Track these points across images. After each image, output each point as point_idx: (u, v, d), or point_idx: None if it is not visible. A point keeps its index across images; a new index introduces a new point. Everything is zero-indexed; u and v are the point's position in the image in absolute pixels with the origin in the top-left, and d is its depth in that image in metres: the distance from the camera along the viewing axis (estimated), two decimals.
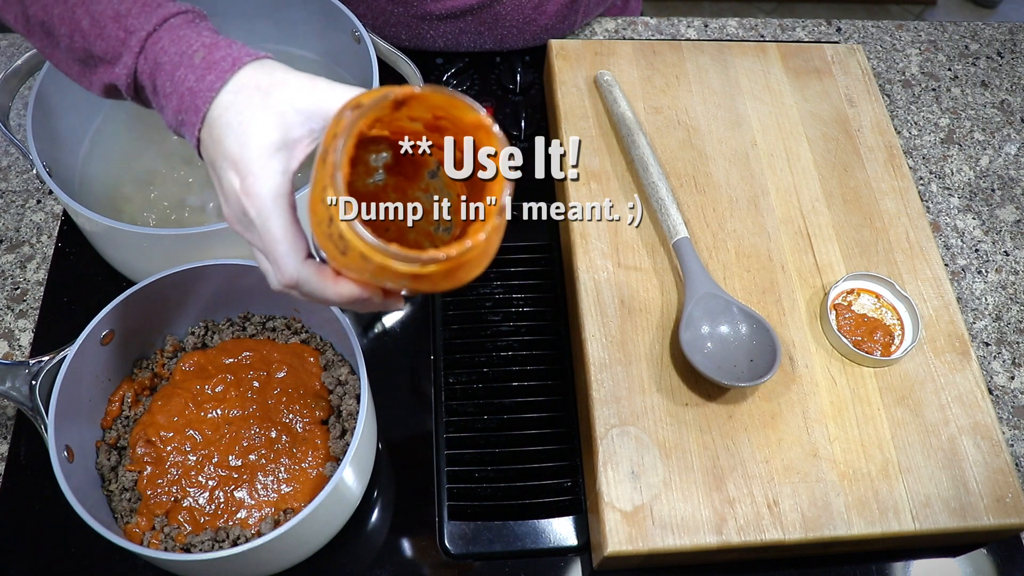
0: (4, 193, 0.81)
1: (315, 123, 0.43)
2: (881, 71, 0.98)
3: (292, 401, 0.63)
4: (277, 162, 0.42)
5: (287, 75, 0.44)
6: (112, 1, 0.46)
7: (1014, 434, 0.74)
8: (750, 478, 0.62)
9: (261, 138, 0.42)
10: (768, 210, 0.76)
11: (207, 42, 0.45)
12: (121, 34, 0.46)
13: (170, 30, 0.45)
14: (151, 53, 0.46)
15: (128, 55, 0.46)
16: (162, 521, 0.59)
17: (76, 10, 0.47)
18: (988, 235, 0.86)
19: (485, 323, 0.74)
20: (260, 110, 0.43)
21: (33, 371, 0.59)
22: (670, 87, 0.84)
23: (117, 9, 0.46)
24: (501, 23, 0.88)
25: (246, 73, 0.44)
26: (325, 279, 0.44)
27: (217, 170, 0.44)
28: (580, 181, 0.76)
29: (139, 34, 0.45)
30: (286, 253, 0.43)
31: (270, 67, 0.44)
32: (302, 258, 0.44)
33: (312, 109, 0.43)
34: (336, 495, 0.56)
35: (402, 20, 0.87)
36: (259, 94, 0.43)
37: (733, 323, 0.67)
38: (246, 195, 0.43)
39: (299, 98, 0.43)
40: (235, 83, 0.43)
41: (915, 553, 0.67)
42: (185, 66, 0.44)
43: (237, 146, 0.42)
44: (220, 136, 0.43)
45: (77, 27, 0.47)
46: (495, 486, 0.66)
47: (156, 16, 0.46)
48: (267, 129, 0.42)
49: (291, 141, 0.43)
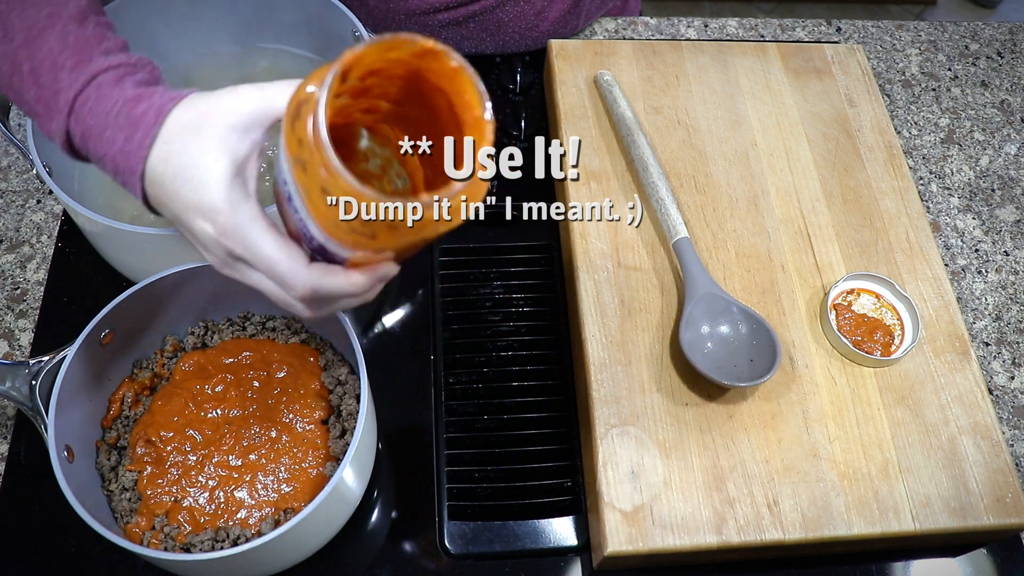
0: (4, 193, 0.81)
1: (255, 133, 0.42)
2: (881, 71, 0.98)
3: (292, 401, 0.63)
4: (238, 191, 0.42)
5: (208, 102, 0.43)
6: (52, 49, 0.44)
7: (1014, 434, 0.74)
8: (750, 478, 0.62)
9: (214, 175, 0.41)
10: (768, 210, 0.76)
11: (129, 97, 0.43)
12: (54, 90, 0.44)
13: (97, 89, 0.44)
14: (80, 115, 0.44)
15: (59, 116, 0.44)
16: (162, 521, 0.59)
17: (20, 52, 0.45)
18: (988, 235, 0.86)
19: (485, 323, 0.74)
20: (200, 148, 0.41)
21: (33, 371, 0.59)
22: (670, 87, 0.84)
23: (55, 59, 0.44)
24: (504, 29, 0.88)
25: (173, 119, 0.42)
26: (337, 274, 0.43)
27: (184, 223, 0.43)
28: (580, 181, 0.76)
29: (67, 94, 0.44)
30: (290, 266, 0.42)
31: (191, 103, 0.43)
32: (307, 264, 0.43)
33: (247, 121, 0.42)
34: (336, 495, 0.56)
35: (403, 23, 0.87)
36: (190, 133, 0.42)
37: (733, 323, 0.67)
38: (225, 236, 0.42)
39: (230, 118, 0.42)
40: (165, 133, 0.42)
41: (915, 553, 0.67)
42: (112, 127, 0.43)
43: (194, 192, 0.41)
44: (172, 189, 0.42)
45: (17, 70, 0.45)
46: (495, 486, 0.66)
47: (86, 74, 0.44)
48: (215, 163, 0.41)
49: (240, 162, 0.42)
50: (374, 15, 0.86)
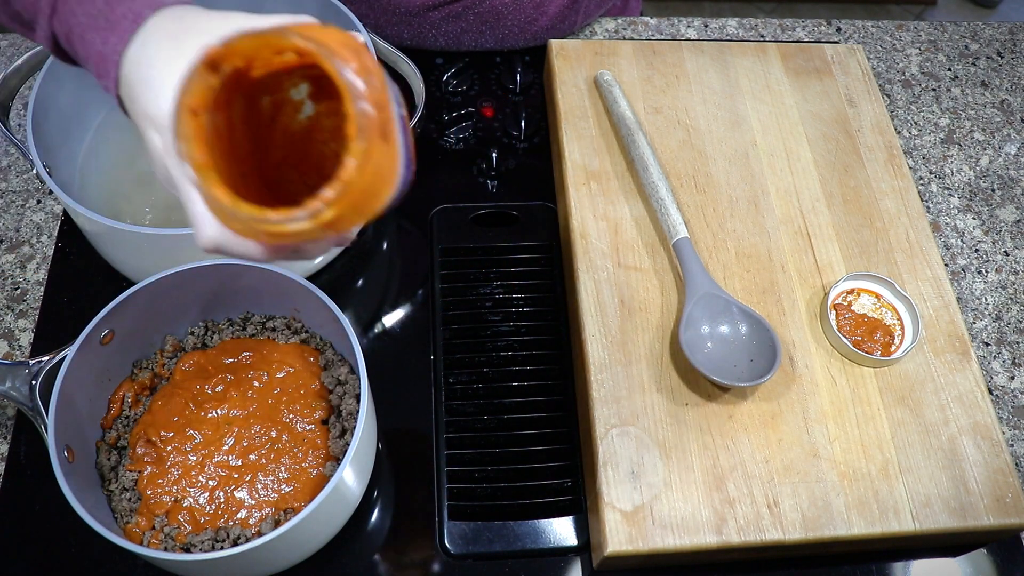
0: (4, 193, 0.81)
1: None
2: (881, 71, 0.98)
3: (292, 401, 0.63)
4: None
5: (198, 17, 0.41)
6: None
7: (1014, 434, 0.74)
8: (750, 478, 0.62)
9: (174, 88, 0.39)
10: (768, 210, 0.76)
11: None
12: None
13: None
14: (62, 15, 0.43)
15: (43, 18, 0.44)
16: (162, 521, 0.59)
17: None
18: (988, 235, 0.86)
19: (485, 323, 0.74)
20: (172, 61, 0.39)
21: (33, 371, 0.59)
22: (670, 87, 0.84)
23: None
24: (502, 21, 0.88)
25: (152, 24, 0.41)
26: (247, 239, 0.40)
27: (141, 129, 0.42)
28: (580, 181, 0.76)
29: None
30: (204, 214, 0.40)
31: (180, 13, 0.41)
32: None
33: None
34: (336, 495, 0.56)
35: (403, 18, 0.87)
36: (169, 42, 0.40)
37: (733, 323, 0.67)
38: (169, 153, 0.40)
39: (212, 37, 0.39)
40: (141, 37, 0.41)
41: (915, 553, 0.67)
42: (92, 28, 0.42)
43: (152, 101, 0.40)
44: (136, 94, 0.41)
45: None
46: (495, 486, 0.66)
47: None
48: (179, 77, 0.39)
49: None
50: (374, 11, 0.86)
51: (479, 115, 0.88)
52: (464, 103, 0.89)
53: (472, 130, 0.87)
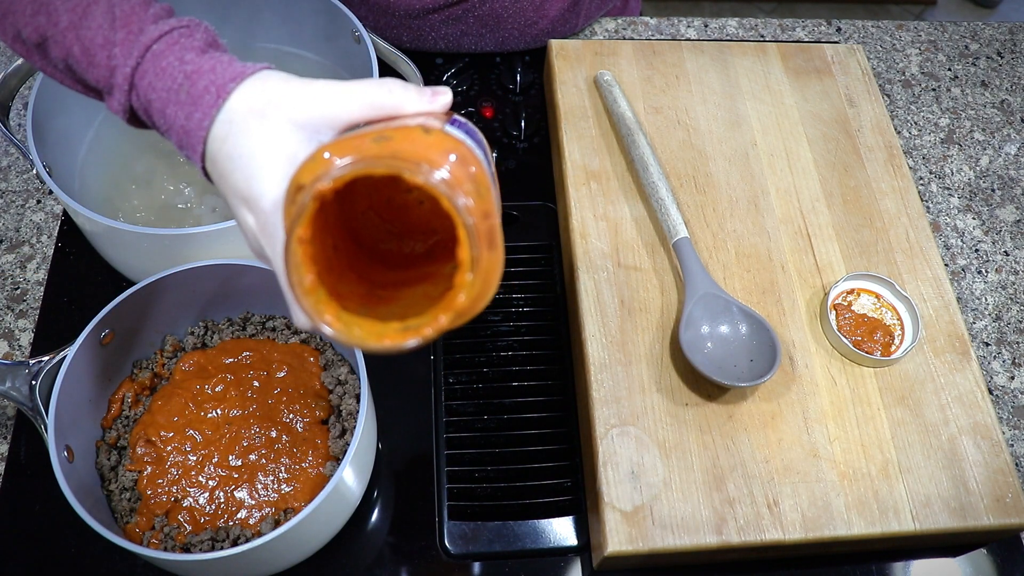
0: (4, 193, 0.81)
1: (322, 135, 0.40)
2: (881, 71, 0.98)
3: (292, 401, 0.63)
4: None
5: (281, 88, 0.40)
6: (102, 26, 0.43)
7: (1014, 434, 0.74)
8: (750, 478, 0.62)
9: (267, 169, 0.39)
10: (768, 210, 0.76)
11: (189, 71, 0.42)
12: (109, 68, 0.43)
13: (154, 60, 0.42)
14: (140, 90, 0.43)
15: (119, 93, 0.43)
16: (162, 521, 0.59)
17: (67, 35, 0.44)
18: (988, 235, 0.86)
19: (485, 323, 0.74)
20: (260, 137, 0.39)
21: (33, 371, 0.59)
22: (670, 87, 0.84)
23: (106, 36, 0.43)
24: (503, 24, 0.88)
25: (236, 99, 0.41)
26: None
27: (231, 205, 0.42)
28: (580, 181, 0.76)
29: (124, 70, 0.43)
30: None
31: (260, 84, 0.41)
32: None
33: (314, 122, 0.40)
34: (336, 495, 0.56)
35: (403, 21, 0.87)
36: (255, 118, 0.40)
37: (733, 323, 0.67)
38: (264, 234, 0.40)
39: (298, 112, 0.40)
40: (226, 113, 0.40)
41: (915, 553, 0.67)
42: (173, 103, 0.42)
43: (244, 181, 0.40)
44: (225, 171, 0.41)
45: (69, 53, 0.44)
46: (495, 486, 0.66)
47: (139, 45, 0.42)
48: (272, 158, 0.39)
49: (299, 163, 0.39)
50: (374, 12, 0.86)
51: (479, 115, 0.88)
52: (464, 103, 0.89)
53: None
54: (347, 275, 0.40)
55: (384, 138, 0.37)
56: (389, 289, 0.42)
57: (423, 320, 0.36)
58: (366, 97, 0.40)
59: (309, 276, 0.36)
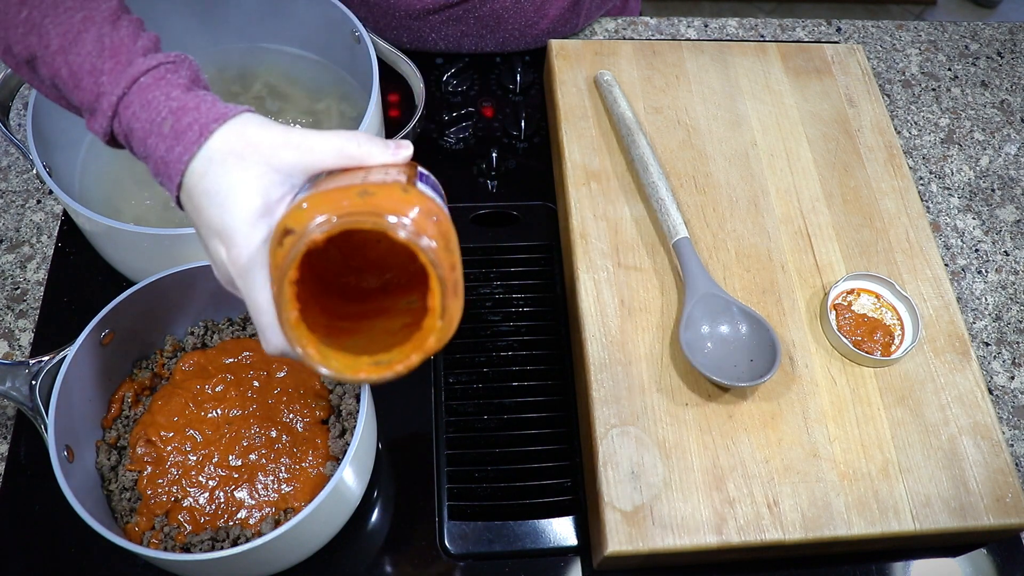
0: (4, 193, 0.81)
1: (295, 179, 0.43)
2: (881, 71, 0.98)
3: (292, 401, 0.64)
4: (260, 231, 0.42)
5: (260, 133, 0.43)
6: (91, 53, 0.45)
7: (1014, 434, 0.74)
8: (750, 478, 0.62)
9: (242, 207, 0.41)
10: (768, 210, 0.76)
11: (175, 107, 0.43)
12: (95, 93, 0.45)
13: (140, 92, 0.44)
14: (124, 118, 0.45)
15: (102, 117, 0.45)
16: (162, 521, 0.59)
17: (56, 57, 0.46)
18: (988, 235, 0.86)
19: (485, 323, 0.74)
20: (237, 177, 0.42)
21: (33, 371, 0.59)
22: (670, 87, 0.84)
23: (94, 63, 0.45)
24: (503, 25, 0.88)
25: (218, 138, 0.43)
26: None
27: (202, 237, 0.44)
28: (580, 181, 0.76)
29: (110, 98, 0.44)
30: (271, 325, 0.43)
31: (241, 127, 0.43)
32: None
33: (289, 167, 0.42)
34: (336, 495, 0.56)
35: (403, 21, 0.87)
36: (234, 159, 0.42)
37: (733, 323, 0.67)
38: (233, 265, 0.42)
39: (275, 157, 0.42)
40: (207, 150, 0.42)
41: (915, 553, 0.67)
42: (155, 135, 0.43)
43: (218, 216, 0.42)
44: (200, 205, 0.43)
45: (57, 74, 0.46)
46: (495, 486, 0.66)
47: (126, 77, 0.44)
48: (247, 196, 0.42)
49: (272, 203, 0.42)
50: (375, 13, 0.86)
51: (479, 115, 0.88)
52: (464, 103, 0.89)
53: (472, 130, 0.87)
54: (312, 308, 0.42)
55: (367, 193, 0.40)
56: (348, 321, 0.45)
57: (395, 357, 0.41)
58: (337, 147, 0.43)
59: (294, 312, 0.40)
